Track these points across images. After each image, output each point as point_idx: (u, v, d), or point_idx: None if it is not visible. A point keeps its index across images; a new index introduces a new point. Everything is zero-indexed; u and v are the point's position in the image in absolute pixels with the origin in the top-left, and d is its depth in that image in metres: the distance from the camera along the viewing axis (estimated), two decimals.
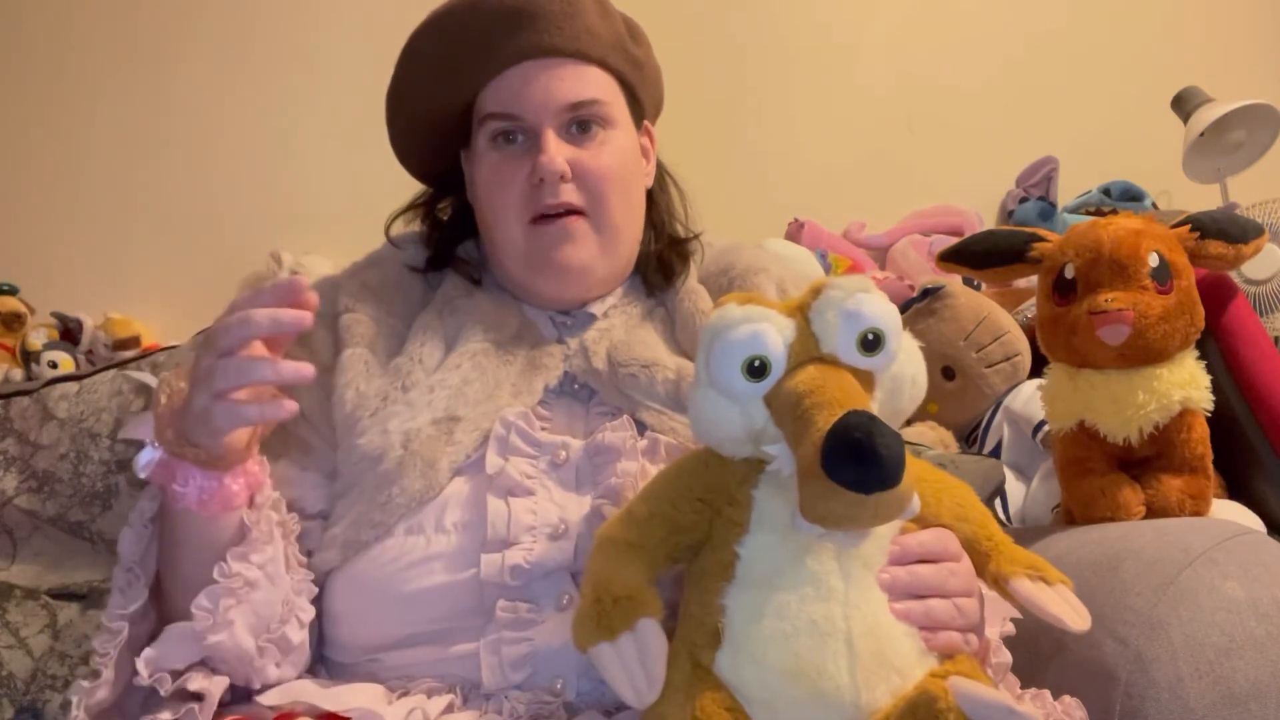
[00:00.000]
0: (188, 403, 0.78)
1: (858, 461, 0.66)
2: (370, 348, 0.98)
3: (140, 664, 0.80)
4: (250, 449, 0.82)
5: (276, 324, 0.76)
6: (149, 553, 0.85)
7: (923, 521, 0.79)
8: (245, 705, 0.85)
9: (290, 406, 0.77)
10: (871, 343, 0.75)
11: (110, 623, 0.82)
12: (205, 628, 0.80)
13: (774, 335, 0.75)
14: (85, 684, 0.81)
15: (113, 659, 0.81)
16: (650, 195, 1.08)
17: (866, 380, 0.76)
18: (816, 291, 0.76)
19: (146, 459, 0.80)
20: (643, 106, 1.07)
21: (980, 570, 0.80)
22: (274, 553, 0.84)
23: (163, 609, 0.86)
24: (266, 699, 0.82)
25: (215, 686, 0.81)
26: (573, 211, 0.98)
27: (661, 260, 1.07)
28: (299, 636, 0.86)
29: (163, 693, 0.80)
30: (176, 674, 0.81)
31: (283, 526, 0.86)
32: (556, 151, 0.97)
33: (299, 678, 0.88)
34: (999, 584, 0.78)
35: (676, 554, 0.78)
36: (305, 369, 0.76)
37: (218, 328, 0.77)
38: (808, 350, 0.75)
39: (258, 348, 0.78)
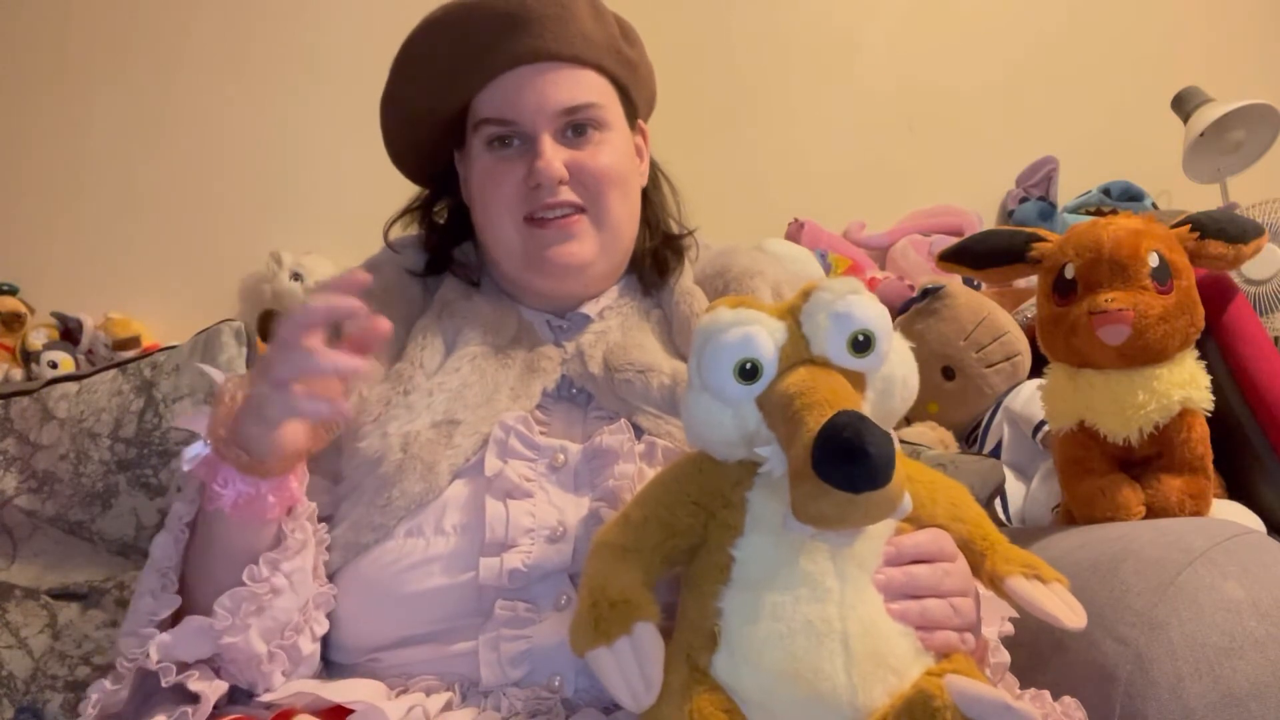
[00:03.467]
0: (246, 402, 0.79)
1: (847, 460, 0.66)
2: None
3: (152, 648, 0.80)
4: (293, 463, 0.82)
5: (331, 311, 0.77)
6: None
7: (918, 522, 0.79)
8: (244, 704, 0.85)
9: (343, 409, 0.77)
10: (862, 344, 0.75)
11: (140, 628, 0.83)
12: (223, 628, 0.81)
13: (765, 338, 0.75)
14: (109, 685, 0.82)
15: (138, 664, 0.82)
16: (645, 193, 1.08)
17: (858, 381, 0.76)
18: (807, 294, 0.77)
19: (193, 453, 0.81)
20: (636, 106, 1.07)
21: (976, 570, 0.80)
22: (303, 562, 0.85)
23: (184, 599, 0.86)
24: (266, 694, 0.83)
25: (213, 691, 0.82)
26: (572, 210, 0.98)
27: (656, 257, 1.07)
28: (310, 648, 0.87)
29: (164, 682, 0.81)
30: (182, 666, 0.82)
31: (316, 536, 0.87)
32: (554, 155, 0.97)
33: None
34: (995, 583, 0.78)
35: (673, 557, 0.78)
36: (359, 363, 0.76)
37: (282, 319, 0.78)
38: (799, 352, 0.75)
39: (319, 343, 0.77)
